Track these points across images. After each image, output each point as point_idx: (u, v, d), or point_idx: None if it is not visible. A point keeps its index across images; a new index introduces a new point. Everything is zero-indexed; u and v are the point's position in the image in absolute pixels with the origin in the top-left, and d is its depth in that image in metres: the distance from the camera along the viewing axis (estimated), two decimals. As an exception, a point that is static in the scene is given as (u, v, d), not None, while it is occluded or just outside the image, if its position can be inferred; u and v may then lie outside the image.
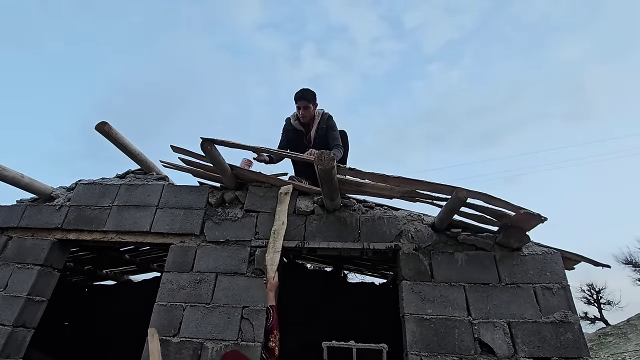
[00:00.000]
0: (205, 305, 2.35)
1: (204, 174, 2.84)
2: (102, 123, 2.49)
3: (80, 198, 2.88)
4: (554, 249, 2.34)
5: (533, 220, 2.06)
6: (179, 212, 2.71)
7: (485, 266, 2.30)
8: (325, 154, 2.03)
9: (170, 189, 2.84)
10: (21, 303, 2.50)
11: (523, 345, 2.05)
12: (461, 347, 2.08)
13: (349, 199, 2.68)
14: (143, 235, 2.68)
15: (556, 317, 2.11)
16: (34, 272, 2.61)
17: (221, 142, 2.27)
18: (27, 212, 2.87)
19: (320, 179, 2.22)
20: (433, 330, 2.15)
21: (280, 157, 3.01)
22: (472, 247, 2.37)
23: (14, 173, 2.67)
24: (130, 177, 2.97)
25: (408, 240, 2.44)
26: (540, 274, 2.25)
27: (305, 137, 3.18)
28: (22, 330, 2.52)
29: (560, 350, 2.03)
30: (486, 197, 2.04)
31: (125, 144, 2.69)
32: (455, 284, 2.27)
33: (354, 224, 2.54)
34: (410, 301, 2.24)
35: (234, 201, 2.73)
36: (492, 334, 2.10)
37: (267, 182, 2.76)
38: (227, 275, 2.44)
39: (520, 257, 2.31)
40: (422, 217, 2.55)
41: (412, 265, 2.35)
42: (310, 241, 2.50)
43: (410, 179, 2.18)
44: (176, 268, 2.51)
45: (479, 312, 2.17)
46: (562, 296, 2.17)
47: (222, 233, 2.59)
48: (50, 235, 2.77)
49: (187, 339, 2.27)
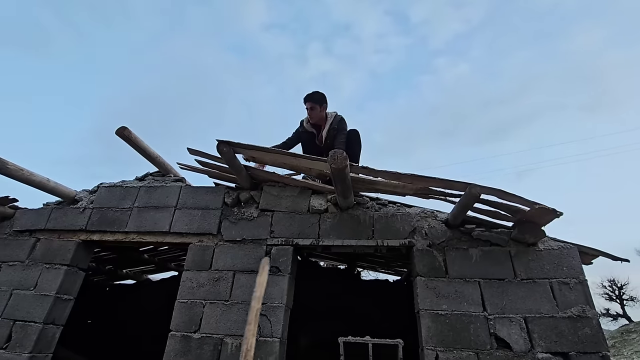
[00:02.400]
0: (224, 302, 2.43)
1: (220, 175, 2.92)
2: (122, 128, 2.59)
3: (102, 200, 2.99)
4: (571, 243, 2.32)
5: (548, 215, 2.05)
6: (197, 213, 2.79)
7: (500, 262, 2.30)
8: (338, 153, 2.07)
9: (187, 190, 2.93)
10: (50, 301, 2.63)
11: (540, 340, 2.05)
12: (477, 342, 2.09)
13: (362, 196, 2.71)
14: (163, 235, 2.77)
15: (574, 312, 2.10)
16: (61, 272, 2.73)
17: (237, 144, 2.33)
18: (53, 214, 3.01)
19: (333, 178, 2.25)
20: (448, 325, 2.16)
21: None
22: (487, 242, 2.37)
23: (41, 177, 2.80)
24: (149, 179, 3.07)
25: (422, 237, 2.46)
26: (557, 269, 2.23)
27: (317, 137, 3.23)
28: (52, 327, 2.65)
29: (578, 345, 2.02)
30: (500, 192, 2.04)
31: (144, 147, 2.79)
32: (470, 279, 2.28)
33: (368, 222, 2.57)
34: (425, 297, 2.26)
35: (249, 201, 2.80)
36: (508, 329, 2.10)
37: (281, 182, 2.81)
38: (245, 273, 2.51)
39: (536, 252, 2.30)
40: (435, 214, 2.56)
41: (427, 262, 2.37)
42: (324, 239, 2.55)
43: (423, 176, 2.20)
44: (195, 266, 2.59)
45: (494, 308, 2.17)
46: (579, 291, 2.16)
47: (239, 232, 2.66)
48: (75, 236, 2.89)
49: (208, 334, 2.34)
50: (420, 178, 2.21)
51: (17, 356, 2.45)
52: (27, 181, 2.70)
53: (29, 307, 2.62)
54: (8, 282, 2.76)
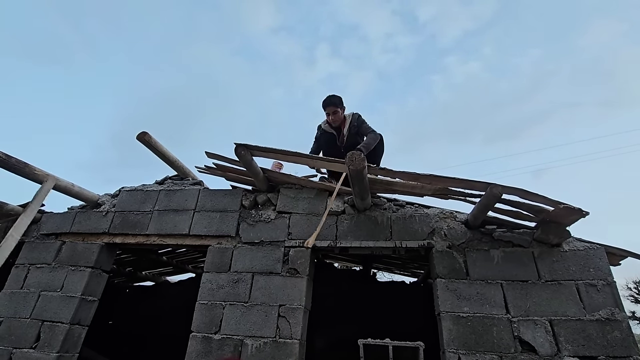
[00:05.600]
0: (244, 303, 2.45)
1: (237, 178, 2.95)
2: (142, 133, 2.66)
3: (124, 204, 3.07)
4: (597, 244, 2.25)
5: (573, 215, 2.00)
6: (215, 215, 2.83)
7: (523, 263, 2.25)
8: (356, 154, 2.07)
9: (205, 193, 2.97)
10: (76, 302, 2.71)
11: (567, 343, 2.00)
12: (500, 346, 2.05)
13: (379, 198, 2.70)
14: (182, 238, 2.82)
15: (602, 315, 2.03)
16: (86, 273, 2.82)
17: (254, 147, 2.35)
18: (77, 218, 3.10)
19: (351, 179, 2.25)
20: (470, 328, 2.13)
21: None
22: (509, 243, 2.33)
23: (66, 183, 2.89)
24: (169, 183, 3.13)
25: (441, 238, 2.43)
26: (583, 270, 2.17)
27: (338, 138, 3.25)
28: (78, 327, 2.73)
29: (608, 349, 1.95)
30: (522, 192, 2.00)
31: (163, 151, 2.85)
32: (492, 281, 2.23)
33: (385, 223, 2.56)
34: (446, 299, 2.23)
35: (267, 203, 2.82)
36: (532, 332, 2.05)
37: (298, 184, 2.83)
38: (263, 275, 2.53)
39: (560, 253, 2.24)
40: (454, 215, 2.53)
41: (447, 263, 2.34)
42: (342, 240, 2.55)
43: (442, 176, 2.18)
44: (215, 268, 2.63)
45: (518, 310, 2.12)
46: (607, 293, 2.09)
47: (257, 234, 2.68)
48: (99, 239, 2.97)
49: (228, 336, 2.37)
50: (439, 178, 2.19)
51: (45, 355, 2.53)
52: (54, 186, 2.79)
53: (56, 308, 2.71)
54: (36, 284, 2.86)
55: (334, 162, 2.38)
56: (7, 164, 2.43)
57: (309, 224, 2.65)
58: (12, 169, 2.48)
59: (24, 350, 2.58)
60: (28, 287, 2.86)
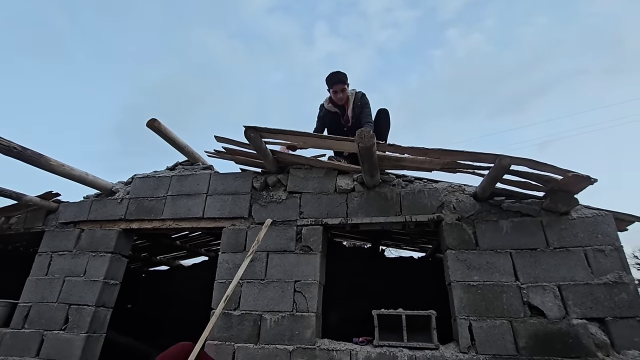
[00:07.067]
0: (260, 280, 2.55)
1: (246, 161, 2.99)
2: (152, 120, 2.68)
3: (137, 191, 3.14)
4: (605, 210, 2.28)
5: (582, 182, 2.02)
6: (228, 198, 2.89)
7: (532, 232, 2.30)
8: (365, 132, 2.09)
9: (216, 176, 3.03)
10: (99, 286, 2.83)
11: (575, 307, 2.07)
12: (510, 311, 2.13)
13: (388, 174, 2.73)
14: (197, 221, 2.90)
15: (609, 278, 2.09)
16: (107, 259, 2.92)
17: (263, 129, 2.38)
18: (93, 206, 3.19)
19: (360, 157, 2.28)
20: (480, 295, 2.20)
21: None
22: (517, 213, 2.37)
23: (80, 172, 2.96)
24: (180, 169, 3.19)
25: (450, 211, 2.48)
26: (591, 236, 2.21)
27: (342, 117, 3.23)
28: (103, 309, 2.86)
29: (615, 310, 2.02)
30: (531, 162, 2.02)
31: (173, 137, 2.88)
32: (501, 250, 2.29)
33: (395, 199, 2.61)
34: (456, 269, 2.30)
35: (277, 184, 2.87)
36: (541, 297, 2.12)
37: (307, 164, 2.86)
38: (278, 253, 2.61)
39: (568, 220, 2.28)
40: (463, 188, 2.56)
41: (456, 235, 2.39)
42: (353, 217, 2.61)
43: (451, 150, 2.19)
44: (230, 249, 2.71)
45: (527, 277, 2.19)
46: (615, 257, 2.14)
47: (269, 214, 2.75)
48: (116, 225, 3.06)
49: (247, 311, 2.48)
50: (447, 152, 2.21)
51: (75, 336, 2.68)
52: (68, 176, 2.86)
53: (80, 292, 2.83)
54: (60, 270, 2.98)
55: (343, 140, 2.40)
56: (23, 156, 2.48)
57: (320, 203, 2.71)
58: (29, 160, 2.54)
59: (54, 332, 2.73)
60: (52, 273, 2.98)
